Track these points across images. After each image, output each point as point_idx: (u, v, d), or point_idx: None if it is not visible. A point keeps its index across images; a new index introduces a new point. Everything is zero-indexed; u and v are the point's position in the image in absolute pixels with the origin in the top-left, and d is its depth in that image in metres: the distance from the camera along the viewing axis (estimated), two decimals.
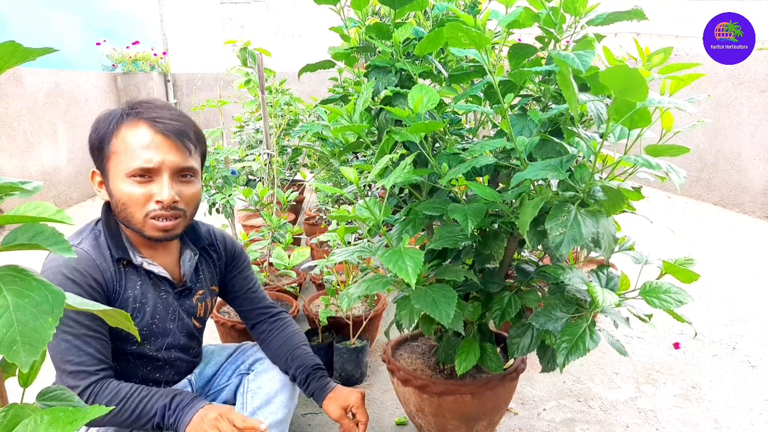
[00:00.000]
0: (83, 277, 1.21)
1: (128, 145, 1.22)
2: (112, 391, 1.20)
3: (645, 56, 1.13)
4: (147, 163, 1.21)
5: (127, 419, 1.21)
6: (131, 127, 1.23)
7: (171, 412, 1.22)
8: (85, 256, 1.23)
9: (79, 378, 1.18)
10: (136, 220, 1.24)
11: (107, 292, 1.25)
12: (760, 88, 4.74)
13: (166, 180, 1.23)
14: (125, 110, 1.26)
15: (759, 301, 3.03)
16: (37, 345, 0.48)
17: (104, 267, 1.25)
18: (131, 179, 1.22)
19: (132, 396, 1.21)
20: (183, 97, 7.52)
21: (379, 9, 1.90)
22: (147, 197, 1.23)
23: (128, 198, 1.23)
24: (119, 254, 1.27)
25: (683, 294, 1.26)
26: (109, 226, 1.30)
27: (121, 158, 1.22)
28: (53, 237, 0.54)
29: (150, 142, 1.22)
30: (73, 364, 1.18)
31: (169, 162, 1.23)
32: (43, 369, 0.66)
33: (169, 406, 1.22)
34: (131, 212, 1.24)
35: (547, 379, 2.23)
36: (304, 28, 10.65)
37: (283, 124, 3.62)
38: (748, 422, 1.95)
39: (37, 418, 0.50)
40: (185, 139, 1.26)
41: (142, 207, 1.23)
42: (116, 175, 1.23)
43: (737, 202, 5.07)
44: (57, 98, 5.56)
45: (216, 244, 1.52)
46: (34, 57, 0.51)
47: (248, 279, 1.57)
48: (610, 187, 1.11)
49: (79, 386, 1.18)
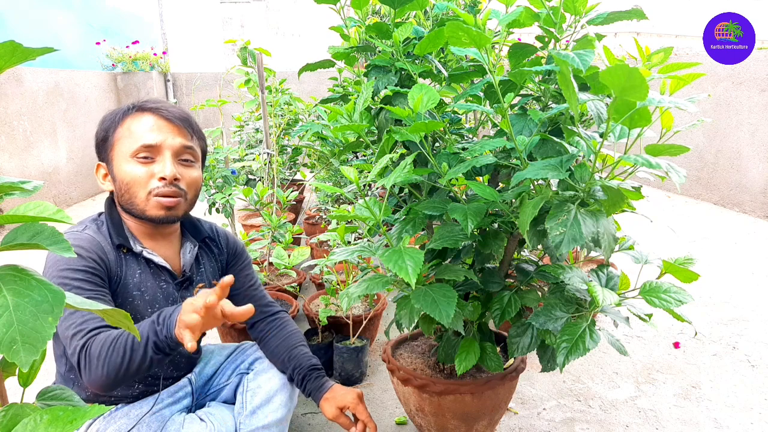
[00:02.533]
0: (88, 253, 1.23)
1: (132, 131, 1.30)
2: (103, 337, 1.14)
3: (645, 56, 1.13)
4: (148, 140, 1.28)
5: (125, 355, 1.12)
6: (135, 117, 1.32)
7: (161, 327, 1.12)
8: (89, 238, 1.27)
9: (78, 337, 1.14)
10: (139, 199, 1.29)
11: (110, 272, 1.27)
12: (760, 87, 4.74)
13: (169, 157, 1.30)
14: (130, 106, 1.34)
15: (759, 301, 3.03)
16: (37, 344, 0.48)
17: (108, 250, 1.29)
18: (134, 159, 1.28)
19: (120, 335, 1.14)
20: (183, 97, 7.51)
21: (379, 8, 1.90)
22: (150, 175, 1.28)
23: (131, 177, 1.28)
24: (120, 241, 1.30)
25: (683, 293, 1.26)
26: (111, 217, 1.34)
27: (124, 142, 1.29)
28: (53, 236, 0.54)
29: (153, 125, 1.30)
30: (75, 326, 1.15)
31: (171, 141, 1.30)
32: (43, 369, 0.66)
33: (156, 321, 1.14)
34: (134, 191, 1.29)
35: (546, 379, 2.23)
36: (304, 27, 10.65)
37: (283, 123, 3.62)
38: (748, 421, 1.95)
39: (36, 418, 0.50)
40: (186, 124, 1.35)
41: (146, 185, 1.28)
42: (120, 159, 1.30)
43: (737, 201, 5.07)
44: (57, 98, 5.56)
45: (218, 239, 1.54)
46: (34, 57, 0.51)
47: (248, 277, 1.58)
48: (610, 186, 1.11)
49: (78, 345, 1.14)
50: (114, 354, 1.12)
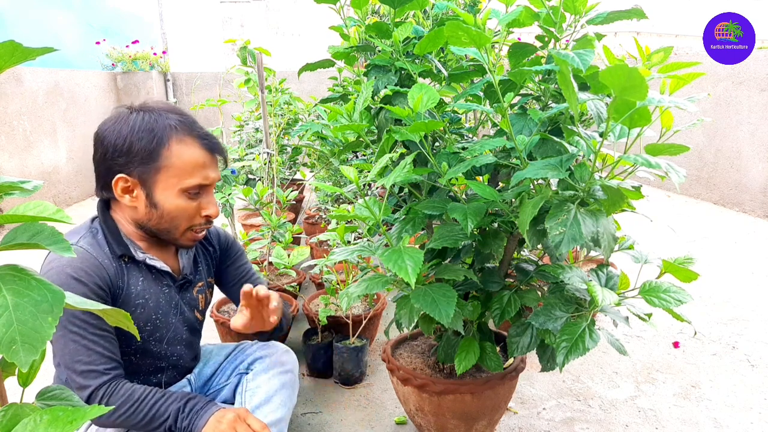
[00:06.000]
0: (89, 277, 1.21)
1: (184, 161, 1.25)
2: (126, 392, 1.20)
3: (645, 55, 1.13)
4: (205, 180, 1.29)
5: (140, 422, 1.20)
6: (181, 143, 1.26)
7: (185, 416, 1.21)
8: (85, 255, 1.23)
9: (90, 377, 1.18)
10: (179, 231, 1.31)
11: (111, 288, 1.26)
12: (760, 87, 4.74)
13: (212, 194, 1.34)
14: (165, 120, 1.25)
15: (758, 300, 3.03)
16: (36, 344, 0.48)
17: (106, 264, 1.25)
18: (185, 194, 1.27)
19: (146, 398, 1.21)
20: (183, 96, 7.51)
21: (378, 8, 1.90)
22: (197, 211, 1.30)
23: (181, 212, 1.28)
24: (121, 251, 1.28)
25: (683, 293, 1.26)
26: (107, 224, 1.30)
27: (175, 173, 1.25)
28: (53, 236, 0.54)
29: (205, 161, 1.29)
30: (83, 364, 1.18)
31: (215, 179, 1.32)
32: (42, 368, 0.66)
33: (182, 409, 1.22)
34: (177, 224, 1.29)
35: (546, 378, 2.23)
36: (303, 27, 10.65)
37: (283, 123, 3.62)
38: (748, 421, 1.95)
39: (36, 418, 0.50)
40: (222, 155, 1.36)
41: (190, 220, 1.30)
42: (167, 189, 1.26)
43: (737, 201, 5.07)
44: (57, 97, 5.56)
45: (210, 237, 1.55)
46: (34, 56, 0.50)
47: (242, 268, 1.59)
48: (609, 186, 1.11)
49: (90, 386, 1.18)
50: (133, 414, 1.20)
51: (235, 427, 1.18)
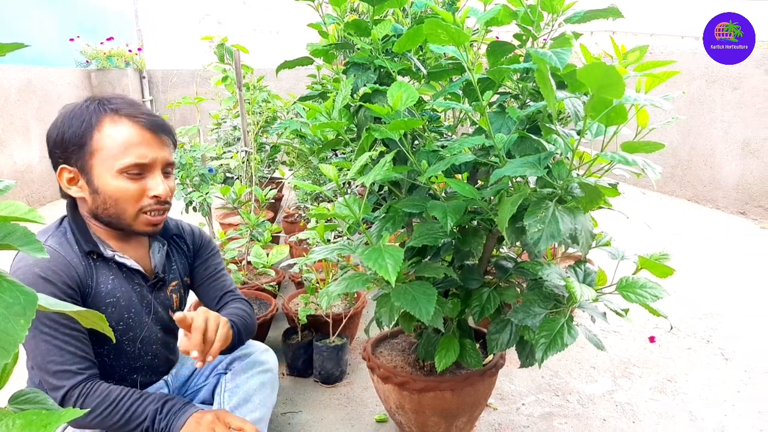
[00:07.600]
0: (57, 276, 1.19)
1: (116, 141, 1.22)
2: (102, 393, 1.18)
3: (621, 54, 1.15)
4: (141, 159, 1.23)
5: (116, 423, 1.19)
6: (115, 123, 1.23)
7: (162, 417, 1.20)
8: (54, 254, 1.21)
9: (63, 378, 1.17)
10: (128, 215, 1.26)
11: (81, 287, 1.24)
12: (732, 85, 4.83)
13: (159, 174, 1.28)
14: (100, 105, 1.25)
15: (732, 295, 3.09)
16: (8, 348, 0.47)
17: (75, 263, 1.24)
18: (123, 175, 1.23)
19: (122, 399, 1.19)
20: (159, 94, 7.42)
21: (357, 5, 1.89)
22: (141, 192, 1.25)
23: (121, 193, 1.24)
24: (89, 247, 1.27)
25: (659, 289, 1.28)
26: (76, 222, 1.29)
27: (109, 154, 1.22)
28: (25, 237, 0.53)
29: (141, 139, 1.24)
30: (56, 364, 1.17)
31: (161, 158, 1.27)
32: (15, 372, 0.65)
33: (160, 410, 1.21)
34: (123, 208, 1.25)
35: (525, 374, 2.25)
36: (282, 24, 10.58)
37: (261, 121, 3.60)
38: (722, 414, 1.99)
39: (9, 422, 0.49)
40: (169, 134, 1.32)
41: (136, 203, 1.26)
42: (104, 171, 1.23)
43: (711, 197, 5.17)
44: (29, 95, 5.45)
45: (184, 235, 1.52)
46: (4, 53, 0.49)
47: (211, 268, 1.55)
48: (587, 183, 1.12)
49: (64, 386, 1.16)
50: (109, 415, 1.18)
51: (213, 428, 1.17)
